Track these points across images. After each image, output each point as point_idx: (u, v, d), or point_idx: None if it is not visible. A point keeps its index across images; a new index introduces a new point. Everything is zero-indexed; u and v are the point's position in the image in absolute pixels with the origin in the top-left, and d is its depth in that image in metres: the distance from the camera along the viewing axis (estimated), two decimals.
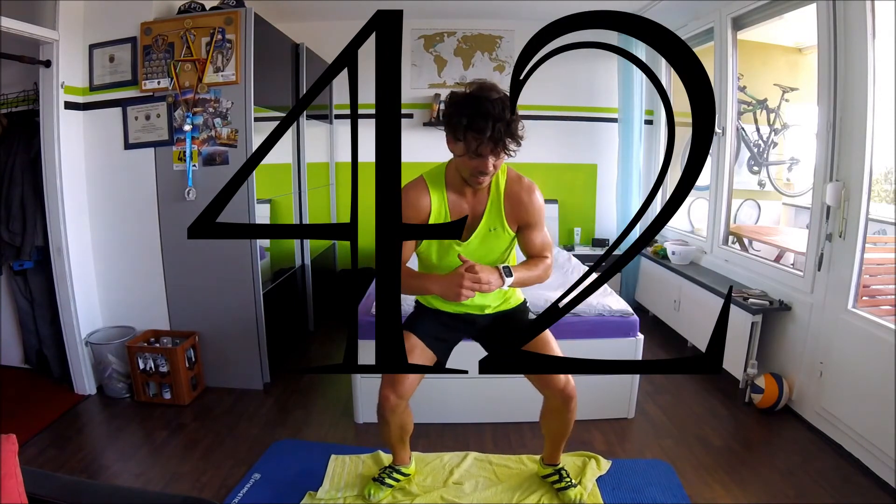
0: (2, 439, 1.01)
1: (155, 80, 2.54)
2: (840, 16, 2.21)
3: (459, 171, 1.55)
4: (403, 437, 1.87)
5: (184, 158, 2.54)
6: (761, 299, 2.63)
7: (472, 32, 4.08)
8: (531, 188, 1.64)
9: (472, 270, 1.45)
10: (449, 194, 1.62)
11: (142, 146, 2.60)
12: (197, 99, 2.51)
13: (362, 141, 0.87)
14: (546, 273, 1.67)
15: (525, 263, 1.65)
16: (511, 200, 1.62)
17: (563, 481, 1.93)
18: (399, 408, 1.70)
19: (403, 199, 1.58)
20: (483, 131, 1.38)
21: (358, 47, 0.72)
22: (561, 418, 1.77)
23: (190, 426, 2.42)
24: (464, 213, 1.62)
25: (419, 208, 1.59)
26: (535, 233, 1.66)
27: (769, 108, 3.72)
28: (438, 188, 1.61)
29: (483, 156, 1.44)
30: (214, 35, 2.47)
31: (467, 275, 1.45)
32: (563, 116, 4.22)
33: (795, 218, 3.98)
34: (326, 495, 1.93)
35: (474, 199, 1.63)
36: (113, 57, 2.57)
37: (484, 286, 1.46)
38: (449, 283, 1.46)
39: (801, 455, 2.19)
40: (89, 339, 2.64)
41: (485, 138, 1.39)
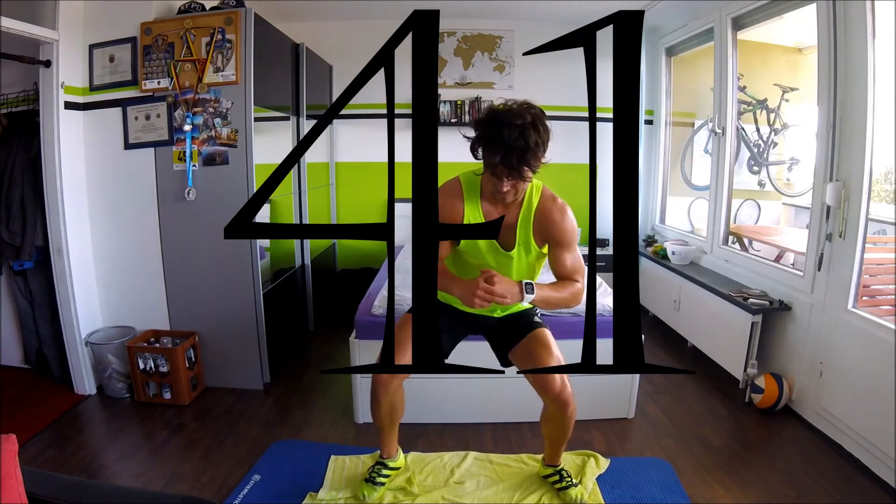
0: (2, 439, 1.01)
1: (155, 80, 2.54)
2: (840, 16, 2.21)
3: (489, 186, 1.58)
4: (394, 420, 1.87)
5: (184, 158, 2.54)
6: (761, 299, 2.63)
7: (472, 32, 4.08)
8: (564, 208, 1.65)
9: (490, 282, 1.47)
10: (483, 203, 1.65)
11: (142, 146, 2.60)
12: (197, 99, 2.51)
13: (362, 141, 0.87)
14: (575, 298, 1.63)
15: (553, 284, 1.64)
16: (541, 217, 1.63)
17: (564, 481, 1.93)
18: (391, 386, 1.71)
19: (440, 202, 1.62)
20: (495, 156, 1.42)
21: (395, 47, 0.72)
22: (558, 424, 1.78)
23: (190, 426, 2.42)
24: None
25: (453, 211, 1.62)
26: (565, 253, 1.65)
27: (769, 108, 3.71)
28: (474, 196, 1.64)
29: (499, 177, 1.47)
30: (214, 35, 2.47)
31: (483, 285, 1.46)
32: (564, 116, 4.21)
33: (795, 218, 3.97)
34: (327, 496, 1.92)
35: (506, 210, 1.64)
36: (113, 57, 2.57)
37: (497, 299, 1.47)
38: (466, 290, 1.49)
39: (801, 455, 2.19)
40: (89, 339, 2.64)
41: (497, 163, 1.43)
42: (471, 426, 2.39)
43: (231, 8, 2.51)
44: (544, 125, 1.45)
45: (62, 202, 2.50)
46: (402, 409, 1.86)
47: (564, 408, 1.71)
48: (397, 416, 1.88)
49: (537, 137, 1.42)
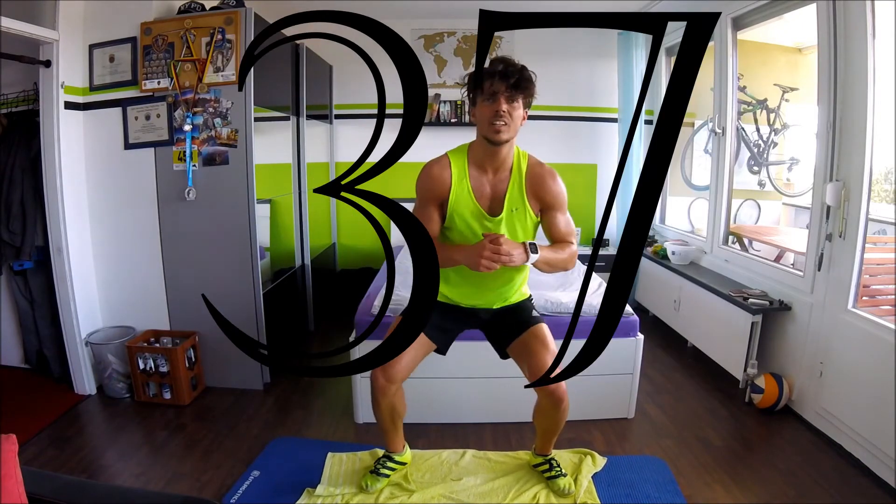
0: (2, 439, 1.01)
1: (155, 80, 2.54)
2: (840, 16, 2.20)
3: (480, 134, 1.61)
4: (395, 421, 1.89)
5: (184, 158, 2.54)
6: (761, 299, 2.63)
7: (472, 32, 4.08)
8: (553, 172, 1.69)
9: (496, 242, 1.48)
10: (471, 169, 1.66)
11: (142, 146, 2.60)
12: (197, 99, 2.51)
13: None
14: (572, 260, 1.69)
15: (551, 246, 1.68)
16: (532, 181, 1.66)
17: (553, 470, 1.96)
18: (389, 390, 1.72)
19: (426, 173, 1.66)
20: (493, 73, 1.52)
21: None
22: (552, 418, 1.80)
23: (190, 426, 2.42)
24: (484, 188, 1.66)
25: (441, 180, 1.64)
26: (559, 216, 1.69)
27: (769, 108, 3.71)
28: (460, 162, 1.67)
29: (497, 94, 1.51)
30: (214, 35, 2.47)
31: (489, 245, 1.48)
32: (563, 116, 4.22)
33: (795, 218, 3.97)
34: (325, 492, 1.93)
35: (496, 177, 1.67)
36: (113, 57, 2.57)
37: (504, 258, 1.48)
38: (472, 253, 1.50)
39: (801, 455, 2.19)
40: (89, 339, 2.64)
41: (496, 77, 1.51)
42: (471, 426, 2.39)
43: (231, 8, 2.51)
44: (531, 76, 1.58)
45: (62, 202, 2.50)
46: (403, 409, 1.87)
47: (558, 404, 1.73)
48: (399, 417, 1.88)
49: (529, 75, 1.56)
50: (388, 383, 1.71)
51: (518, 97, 1.54)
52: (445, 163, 1.66)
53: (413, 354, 1.72)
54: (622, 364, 2.38)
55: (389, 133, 0.75)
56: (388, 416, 1.83)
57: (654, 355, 3.16)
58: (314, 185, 3.66)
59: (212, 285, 2.65)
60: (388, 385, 1.71)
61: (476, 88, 1.56)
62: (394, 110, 0.75)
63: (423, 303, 0.81)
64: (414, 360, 1.74)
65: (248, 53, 0.94)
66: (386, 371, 1.69)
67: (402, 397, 1.83)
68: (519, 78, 1.52)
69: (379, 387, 1.72)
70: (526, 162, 1.68)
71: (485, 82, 1.53)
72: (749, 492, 1.96)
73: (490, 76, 1.52)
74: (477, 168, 1.67)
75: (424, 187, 1.65)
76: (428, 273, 0.79)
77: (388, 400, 1.76)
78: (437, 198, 1.65)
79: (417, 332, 0.86)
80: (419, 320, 0.83)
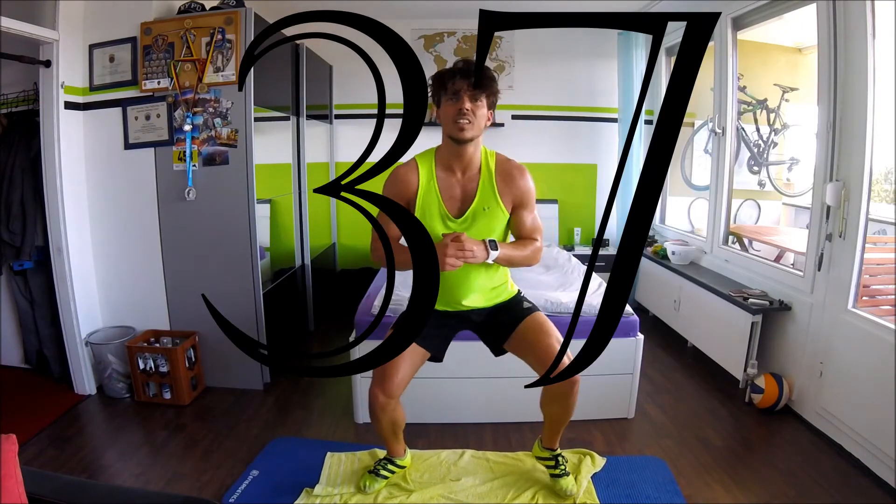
0: (2, 439, 1.01)
1: (155, 80, 2.54)
2: (840, 16, 2.20)
3: (445, 133, 1.61)
4: (396, 432, 1.89)
5: (184, 158, 2.54)
6: (761, 299, 2.63)
7: (472, 32, 4.07)
8: (522, 168, 1.70)
9: (458, 239, 1.50)
10: (438, 171, 1.66)
11: (142, 146, 2.60)
12: (197, 99, 2.51)
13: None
14: (535, 256, 1.70)
15: (513, 243, 1.69)
16: (503, 177, 1.67)
17: (559, 468, 1.94)
18: (388, 406, 1.72)
19: (393, 176, 1.66)
20: (455, 73, 1.54)
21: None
22: (563, 402, 1.76)
23: (190, 426, 2.42)
24: (454, 190, 1.67)
25: (408, 182, 1.65)
26: (526, 213, 1.70)
27: (769, 108, 3.71)
28: (427, 165, 1.67)
29: (459, 93, 1.53)
30: (214, 35, 2.47)
31: (452, 244, 1.49)
32: (563, 116, 4.22)
33: (795, 218, 3.97)
34: (323, 492, 1.93)
35: (464, 177, 1.67)
36: (113, 57, 2.57)
37: (468, 254, 1.50)
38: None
39: (801, 455, 2.19)
40: (89, 339, 2.64)
41: (458, 76, 1.53)
42: (471, 426, 2.39)
43: (231, 8, 2.51)
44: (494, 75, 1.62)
45: (62, 202, 2.50)
46: (402, 421, 1.87)
47: (573, 385, 1.70)
48: (399, 428, 1.88)
49: (491, 73, 1.61)
50: (388, 399, 1.70)
51: (481, 96, 1.55)
52: (412, 166, 1.66)
53: (409, 367, 1.71)
54: (622, 364, 2.38)
55: (390, 133, 0.75)
56: (388, 429, 1.83)
57: (654, 355, 3.16)
58: (314, 185, 3.66)
59: (212, 285, 2.65)
60: (388, 401, 1.70)
61: (441, 88, 1.57)
62: (394, 110, 0.75)
63: (423, 302, 0.81)
64: (410, 373, 1.73)
65: (248, 53, 0.94)
66: (384, 387, 1.68)
67: (401, 410, 1.82)
68: (481, 76, 1.54)
69: (379, 405, 1.71)
70: (494, 159, 1.68)
71: (447, 82, 1.55)
72: (749, 492, 1.96)
73: (452, 75, 1.54)
74: (445, 170, 1.66)
75: (392, 191, 1.64)
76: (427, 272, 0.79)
77: (387, 416, 1.75)
78: (404, 201, 1.65)
79: (417, 332, 0.86)
80: (419, 320, 0.83)
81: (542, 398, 1.84)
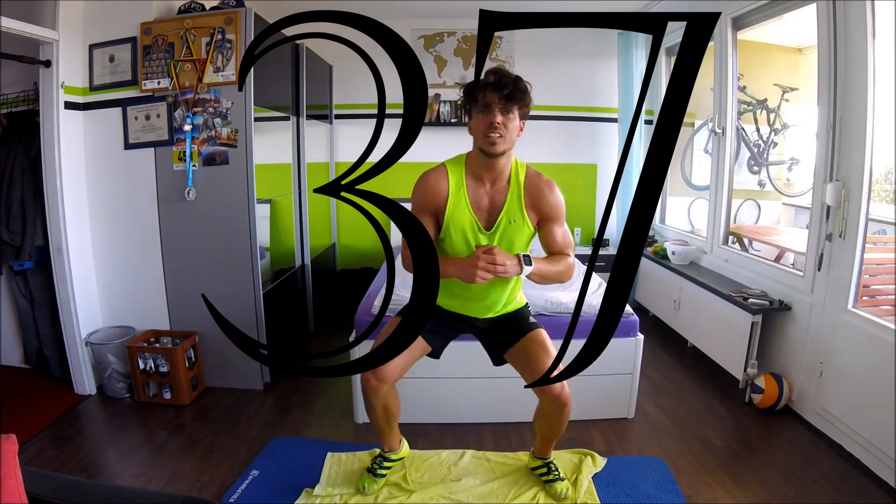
0: (2, 439, 1.01)
1: (155, 80, 2.53)
2: (840, 16, 2.20)
3: (476, 146, 1.59)
4: (390, 421, 1.88)
5: (184, 158, 2.54)
6: (761, 299, 2.63)
7: (472, 32, 4.07)
8: (551, 183, 1.67)
9: (490, 253, 1.48)
10: (468, 180, 1.64)
11: (142, 146, 2.60)
12: (197, 99, 2.51)
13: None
14: (568, 272, 1.66)
15: (546, 258, 1.66)
16: (531, 192, 1.64)
17: (552, 474, 1.95)
18: (380, 390, 1.71)
19: (423, 182, 1.63)
20: (487, 85, 1.50)
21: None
22: (554, 421, 1.80)
23: (190, 426, 2.42)
24: (482, 200, 1.64)
25: (437, 191, 1.62)
26: (557, 228, 1.67)
27: (769, 108, 3.71)
28: (458, 173, 1.64)
29: (490, 106, 1.50)
30: (214, 35, 2.47)
31: (484, 256, 1.47)
32: (563, 116, 4.22)
33: (795, 218, 3.97)
34: (323, 492, 1.93)
35: (493, 189, 1.65)
36: (113, 57, 2.57)
37: (499, 268, 1.47)
38: (466, 265, 1.48)
39: (801, 455, 2.19)
40: (89, 339, 2.64)
41: (489, 89, 1.50)
42: (471, 426, 2.39)
43: (231, 8, 2.51)
44: (527, 87, 1.56)
45: (62, 202, 2.50)
46: (397, 410, 1.87)
47: (562, 408, 1.72)
48: (393, 418, 1.88)
49: (524, 86, 1.54)
50: (380, 383, 1.69)
51: (513, 108, 1.52)
52: (443, 173, 1.64)
53: (406, 355, 1.68)
54: (622, 364, 2.38)
55: (390, 133, 0.75)
56: (381, 416, 1.82)
57: (654, 355, 3.16)
58: (314, 185, 3.66)
59: (212, 285, 2.65)
60: (380, 385, 1.69)
61: (472, 100, 1.54)
62: (394, 110, 0.75)
63: (424, 302, 0.81)
64: (407, 362, 1.72)
65: (248, 53, 0.94)
66: (376, 371, 1.67)
67: (395, 397, 1.82)
68: (513, 89, 1.50)
69: (371, 388, 1.70)
70: (524, 173, 1.65)
71: (479, 94, 1.52)
72: (749, 492, 1.96)
73: (484, 88, 1.51)
74: (475, 179, 1.64)
75: (421, 197, 1.63)
76: (428, 273, 0.79)
77: (380, 400, 1.74)
78: (433, 208, 1.63)
79: (417, 333, 0.86)
80: (419, 320, 0.83)
81: (536, 414, 1.87)
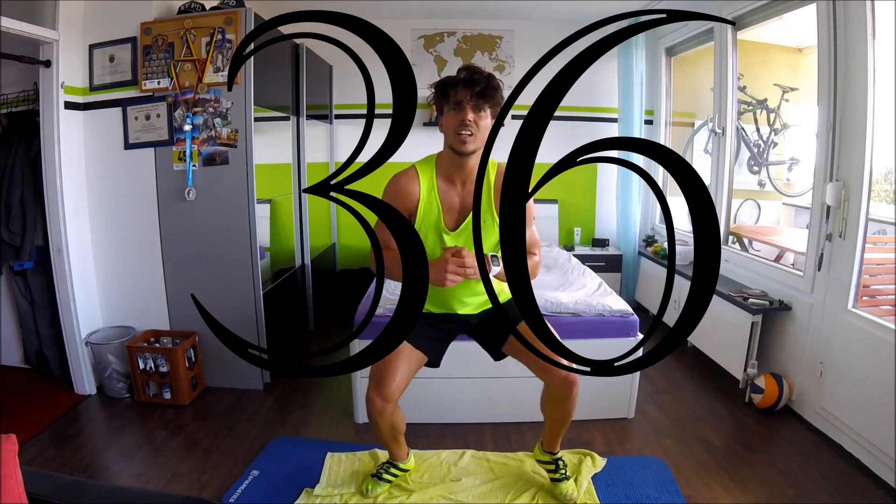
0: (2, 439, 1.01)
1: (155, 80, 2.54)
2: (840, 16, 2.20)
3: (447, 144, 1.57)
4: (396, 436, 1.88)
5: (184, 158, 2.54)
6: (761, 299, 2.62)
7: (471, 32, 4.08)
8: None
9: (459, 255, 1.45)
10: (439, 181, 1.63)
11: (142, 146, 2.60)
12: (197, 99, 2.51)
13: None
14: (533, 270, 1.68)
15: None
16: (500, 190, 1.62)
17: (559, 472, 1.92)
18: (386, 410, 1.70)
19: (393, 185, 1.61)
20: (458, 82, 1.49)
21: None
22: (563, 404, 1.76)
23: (190, 426, 2.42)
24: (453, 201, 1.63)
25: (408, 194, 1.60)
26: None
27: (769, 108, 3.71)
28: (428, 175, 1.63)
29: (461, 103, 1.49)
30: (214, 35, 2.47)
31: (453, 259, 1.45)
32: (563, 116, 4.21)
33: (795, 218, 3.97)
34: (323, 492, 1.93)
35: (464, 189, 1.63)
36: (113, 57, 2.57)
37: (469, 270, 1.45)
38: (435, 269, 1.45)
39: (801, 455, 2.19)
40: (89, 339, 2.64)
41: (461, 86, 1.48)
42: (471, 426, 2.39)
43: (231, 8, 2.51)
44: (499, 84, 1.54)
45: (62, 202, 2.50)
46: (402, 425, 1.86)
47: (571, 387, 1.69)
48: (399, 433, 1.87)
49: (496, 83, 1.52)
50: (385, 403, 1.68)
51: (485, 106, 1.50)
52: (413, 175, 1.61)
53: (405, 371, 1.69)
54: None
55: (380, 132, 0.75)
56: (388, 433, 1.82)
57: None
58: None
59: (212, 285, 2.65)
60: (385, 405, 1.68)
61: (443, 98, 1.53)
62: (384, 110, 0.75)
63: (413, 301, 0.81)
64: (407, 377, 1.71)
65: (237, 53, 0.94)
66: (381, 392, 1.66)
67: (400, 414, 1.81)
68: (485, 86, 1.48)
69: (377, 409, 1.69)
70: (495, 171, 1.63)
71: (450, 91, 1.50)
72: (749, 492, 1.96)
73: (455, 85, 1.49)
74: (446, 181, 1.62)
75: (391, 201, 1.58)
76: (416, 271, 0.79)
77: (386, 420, 1.74)
78: (406, 212, 1.60)
79: (408, 331, 0.85)
80: (409, 318, 0.82)
81: (542, 400, 1.84)
